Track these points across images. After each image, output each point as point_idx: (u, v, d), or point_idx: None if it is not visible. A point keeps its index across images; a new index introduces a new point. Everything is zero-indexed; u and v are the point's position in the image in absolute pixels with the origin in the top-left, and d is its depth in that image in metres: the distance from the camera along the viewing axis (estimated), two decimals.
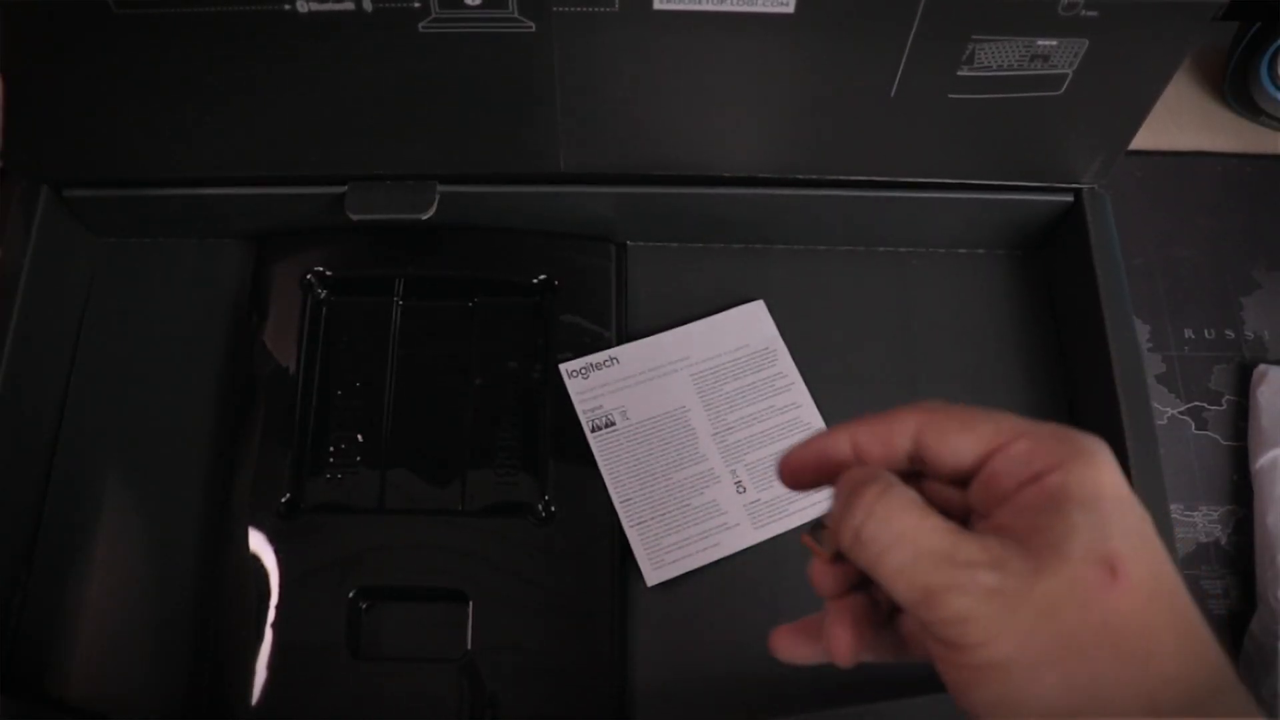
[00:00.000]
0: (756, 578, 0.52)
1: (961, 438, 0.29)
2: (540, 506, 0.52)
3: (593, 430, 0.53)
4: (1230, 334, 0.60)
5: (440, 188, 0.55)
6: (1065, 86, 0.48)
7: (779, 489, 0.50)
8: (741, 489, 0.53)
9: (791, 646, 0.34)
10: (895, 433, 0.30)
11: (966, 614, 0.25)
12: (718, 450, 0.54)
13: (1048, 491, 0.27)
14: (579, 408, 0.54)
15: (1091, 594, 0.25)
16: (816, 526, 0.31)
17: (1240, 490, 0.57)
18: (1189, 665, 0.25)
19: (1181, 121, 0.66)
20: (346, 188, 0.55)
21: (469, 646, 0.49)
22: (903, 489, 0.28)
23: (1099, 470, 0.27)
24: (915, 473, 0.31)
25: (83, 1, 0.44)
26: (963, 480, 0.29)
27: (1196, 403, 0.59)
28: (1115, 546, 0.25)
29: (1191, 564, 0.55)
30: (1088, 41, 0.46)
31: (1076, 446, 0.27)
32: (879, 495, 0.28)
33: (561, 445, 0.53)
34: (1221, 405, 0.59)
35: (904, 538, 0.27)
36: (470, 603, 0.50)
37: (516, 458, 0.53)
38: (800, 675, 0.50)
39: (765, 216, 0.58)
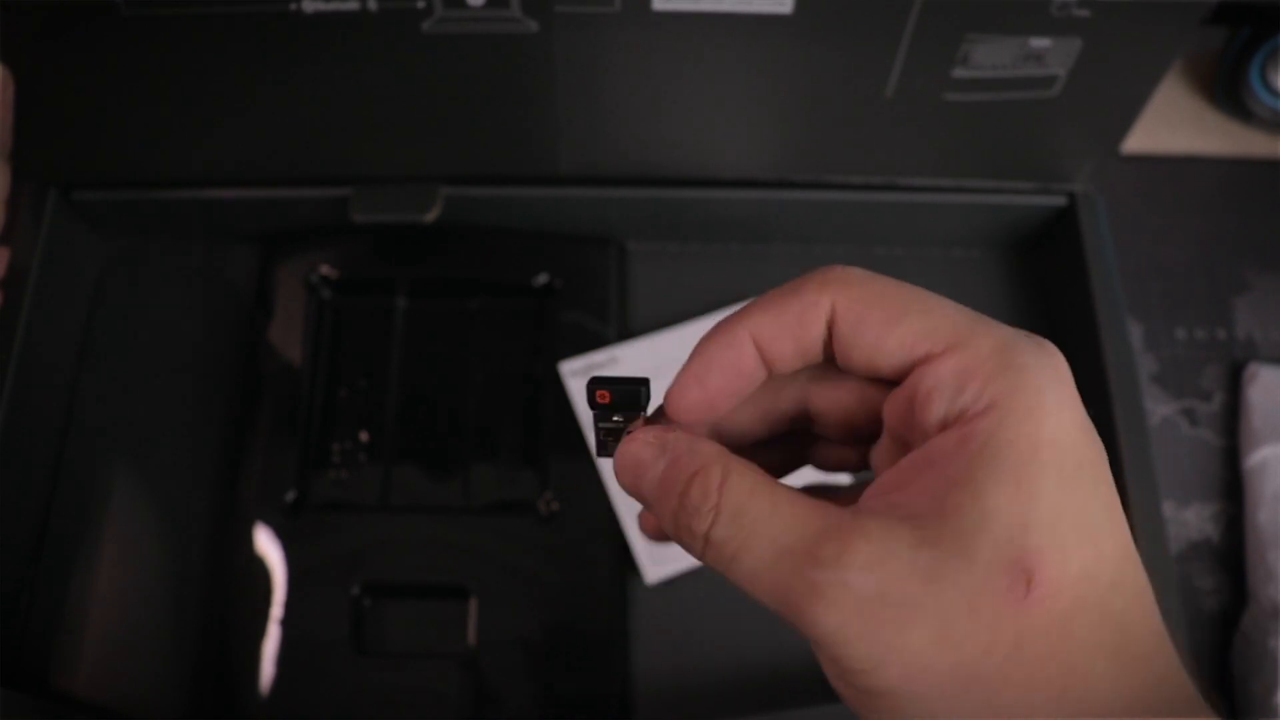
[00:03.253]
0: None
1: (884, 334, 0.22)
2: (542, 504, 0.52)
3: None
4: (1222, 334, 0.61)
5: (443, 190, 0.56)
6: (1058, 87, 0.49)
7: None
8: None
9: None
10: (808, 321, 0.23)
11: (840, 629, 0.20)
12: None
13: (970, 447, 0.21)
14: (580, 406, 0.55)
15: (1002, 608, 0.20)
16: (611, 435, 0.25)
17: (1232, 488, 0.57)
18: (1125, 683, 0.20)
19: (1174, 125, 0.67)
20: (351, 190, 0.56)
21: (471, 642, 0.50)
22: (743, 468, 0.22)
23: (1041, 417, 0.20)
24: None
25: (91, 3, 0.44)
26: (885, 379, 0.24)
27: (1188, 402, 0.59)
28: (1036, 542, 0.20)
29: (1183, 561, 0.56)
30: (1081, 41, 0.46)
31: (1019, 379, 0.21)
32: (719, 485, 0.22)
33: (562, 444, 0.54)
34: (1213, 404, 0.59)
35: (756, 532, 0.21)
36: (473, 599, 0.50)
37: (518, 456, 0.54)
38: (799, 671, 0.51)
39: (763, 218, 0.58)
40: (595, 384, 0.24)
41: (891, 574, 0.20)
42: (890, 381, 0.23)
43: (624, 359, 0.56)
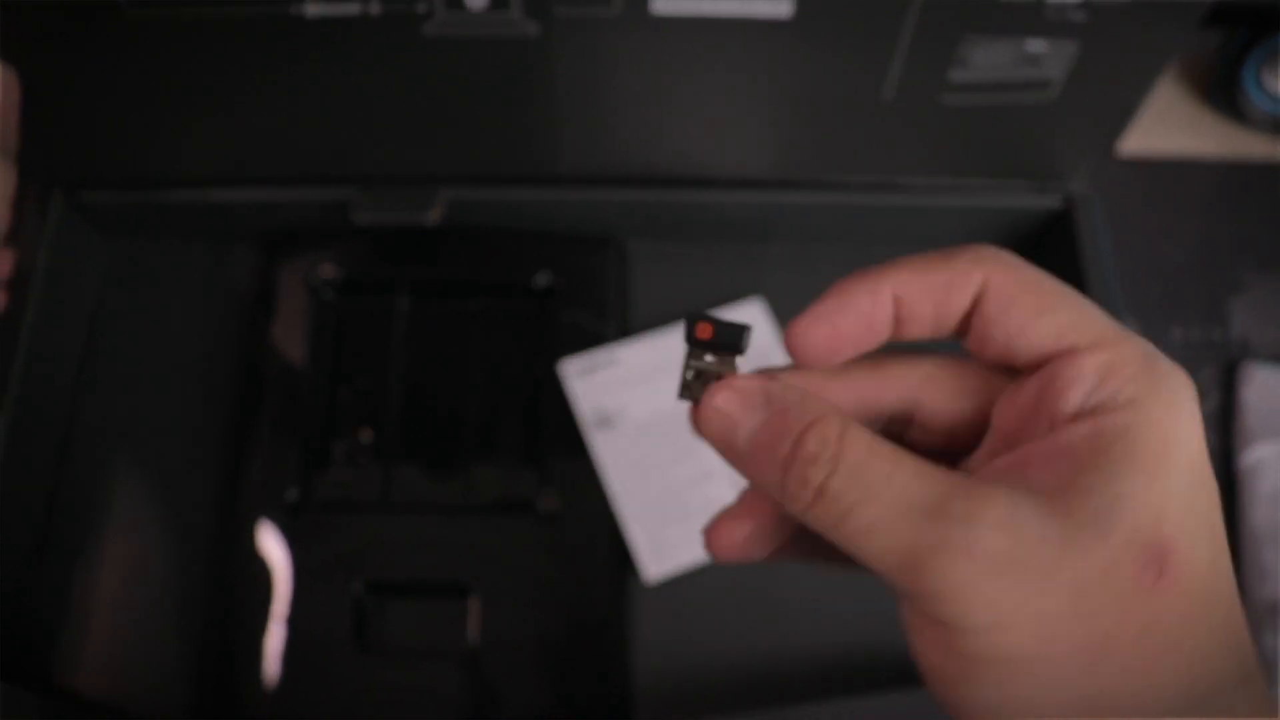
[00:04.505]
0: (755, 573, 0.53)
1: (1033, 320, 0.22)
2: (542, 503, 0.53)
3: (594, 428, 0.54)
4: (1218, 334, 0.61)
5: (444, 191, 0.56)
6: (1055, 89, 0.50)
7: None
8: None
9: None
10: (956, 289, 0.23)
11: (965, 587, 0.19)
12: None
13: (1104, 437, 0.20)
14: (580, 406, 0.55)
15: (1132, 590, 0.20)
16: (699, 377, 0.24)
17: (1226, 489, 0.58)
18: (1224, 662, 0.20)
19: (1170, 127, 0.67)
20: (353, 191, 0.56)
21: (472, 640, 0.50)
22: (859, 424, 0.22)
23: (1177, 419, 0.21)
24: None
25: (95, 4, 0.45)
26: (1005, 370, 0.23)
27: None
28: (1169, 532, 0.20)
29: None
30: (1077, 44, 0.47)
31: (1159, 381, 0.21)
32: (838, 437, 0.21)
33: (563, 443, 0.54)
34: (1209, 404, 0.59)
35: (877, 486, 0.20)
36: (473, 597, 0.51)
37: (519, 455, 0.54)
38: (800, 668, 0.52)
39: (763, 218, 0.59)
40: (697, 318, 0.24)
41: (1024, 537, 0.19)
42: (1004, 379, 0.23)
43: (624, 359, 0.56)
